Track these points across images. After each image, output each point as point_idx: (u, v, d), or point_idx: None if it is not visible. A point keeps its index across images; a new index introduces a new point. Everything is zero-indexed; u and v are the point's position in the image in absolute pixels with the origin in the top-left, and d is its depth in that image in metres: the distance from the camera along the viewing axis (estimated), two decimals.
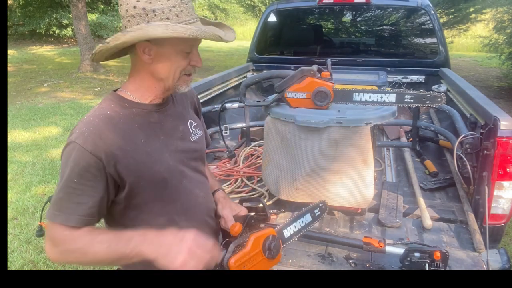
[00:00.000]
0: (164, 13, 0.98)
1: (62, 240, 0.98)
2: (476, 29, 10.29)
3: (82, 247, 0.97)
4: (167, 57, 1.03)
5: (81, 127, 1.00)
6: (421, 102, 1.73)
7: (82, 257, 0.99)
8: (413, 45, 3.83)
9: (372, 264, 1.58)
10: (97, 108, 1.06)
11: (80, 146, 0.97)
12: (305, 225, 1.31)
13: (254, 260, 1.04)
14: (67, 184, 0.98)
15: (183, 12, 1.00)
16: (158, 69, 1.05)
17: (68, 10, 13.30)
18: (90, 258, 0.98)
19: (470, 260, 1.57)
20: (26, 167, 4.36)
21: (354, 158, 1.71)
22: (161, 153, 1.09)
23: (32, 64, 11.62)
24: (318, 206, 1.42)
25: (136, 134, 1.05)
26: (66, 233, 0.97)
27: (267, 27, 3.94)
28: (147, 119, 1.08)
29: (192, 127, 1.22)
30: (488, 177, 1.69)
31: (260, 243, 1.06)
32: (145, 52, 1.02)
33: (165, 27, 0.94)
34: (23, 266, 2.71)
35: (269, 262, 1.08)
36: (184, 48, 1.03)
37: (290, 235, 1.22)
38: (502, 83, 8.49)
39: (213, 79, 3.09)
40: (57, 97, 7.86)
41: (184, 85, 1.10)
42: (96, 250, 0.96)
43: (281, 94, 1.81)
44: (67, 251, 0.99)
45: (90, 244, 0.96)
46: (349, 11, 4.07)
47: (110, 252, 0.95)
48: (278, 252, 1.10)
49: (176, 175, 1.12)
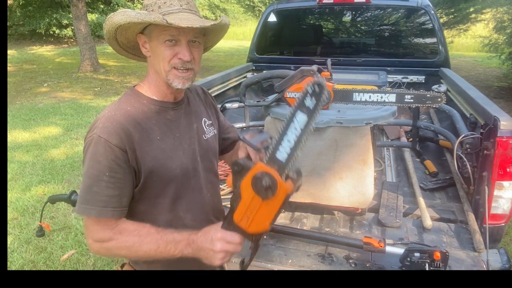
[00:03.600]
0: (150, 6, 1.05)
1: (108, 237, 1.01)
2: (476, 29, 10.28)
3: (132, 246, 1.01)
4: (155, 49, 1.06)
5: (104, 121, 1.02)
6: (421, 102, 1.73)
7: (129, 254, 1.04)
8: (413, 45, 3.83)
9: (372, 264, 1.58)
10: (117, 102, 1.09)
11: (106, 140, 0.99)
12: (303, 130, 0.87)
13: (254, 208, 0.90)
14: (99, 178, 1.00)
15: (166, 4, 1.04)
16: (153, 61, 1.09)
17: (68, 10, 13.30)
18: (138, 255, 1.03)
19: (470, 260, 1.57)
20: (26, 167, 4.36)
21: (354, 158, 1.71)
22: (175, 150, 1.11)
23: (32, 64, 11.62)
24: (307, 93, 0.86)
25: (153, 130, 1.08)
26: (107, 231, 1.01)
27: (267, 27, 3.94)
28: (163, 116, 1.11)
29: (206, 125, 1.24)
30: (488, 177, 1.69)
31: (249, 186, 0.88)
32: (144, 45, 1.08)
33: (122, 14, 1.00)
34: (23, 266, 2.71)
35: (271, 202, 0.88)
36: (164, 38, 1.04)
37: (288, 154, 0.88)
38: (502, 83, 8.49)
39: (213, 79, 3.08)
40: (57, 97, 7.86)
41: (176, 80, 1.07)
42: (145, 250, 1.00)
43: (281, 94, 1.81)
44: (114, 248, 1.02)
45: (139, 244, 1.01)
46: (349, 11, 4.06)
47: (158, 252, 1.00)
48: (275, 187, 0.86)
49: (187, 172, 1.13)
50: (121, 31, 1.05)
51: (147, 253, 1.00)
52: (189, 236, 1.00)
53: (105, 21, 1.05)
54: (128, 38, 1.10)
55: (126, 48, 1.15)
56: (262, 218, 0.90)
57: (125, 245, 1.01)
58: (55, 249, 2.88)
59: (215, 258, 0.97)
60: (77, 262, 2.74)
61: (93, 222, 1.02)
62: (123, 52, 1.16)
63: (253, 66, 3.93)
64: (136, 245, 1.00)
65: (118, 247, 1.02)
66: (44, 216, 3.28)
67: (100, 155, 0.99)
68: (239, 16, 21.78)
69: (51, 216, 3.34)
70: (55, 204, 3.28)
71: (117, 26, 1.02)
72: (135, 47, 1.13)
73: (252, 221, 0.92)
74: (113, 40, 1.09)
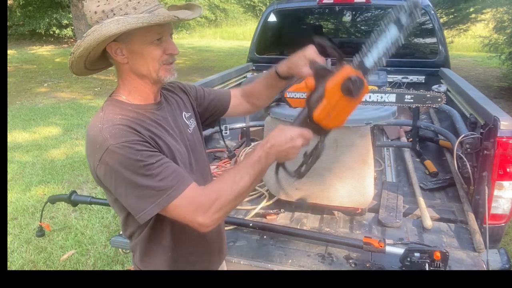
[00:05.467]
0: (122, 9, 0.97)
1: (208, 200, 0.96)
2: (476, 29, 10.28)
3: (231, 193, 0.97)
4: (139, 52, 1.01)
5: (110, 130, 0.95)
6: (421, 102, 1.73)
7: (237, 198, 0.99)
8: (413, 45, 3.83)
9: (372, 264, 1.58)
10: (106, 113, 1.02)
11: (126, 142, 0.93)
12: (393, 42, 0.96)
13: (338, 106, 0.96)
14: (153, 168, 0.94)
15: (141, 3, 0.99)
16: (137, 67, 1.03)
17: (68, 10, 13.30)
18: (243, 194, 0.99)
19: (470, 260, 1.57)
20: (26, 167, 4.36)
21: (354, 158, 1.71)
22: (176, 146, 1.10)
23: (32, 64, 11.62)
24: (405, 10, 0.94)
25: (153, 129, 1.04)
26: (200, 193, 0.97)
27: (267, 27, 3.94)
28: (153, 118, 1.09)
29: (186, 119, 1.22)
30: (488, 177, 1.69)
31: (338, 87, 0.95)
32: (117, 53, 1.01)
33: (116, 23, 0.93)
34: (23, 266, 2.72)
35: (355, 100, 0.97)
36: (152, 38, 1.00)
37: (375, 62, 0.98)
38: (502, 83, 8.49)
39: (213, 79, 3.08)
40: (57, 97, 7.87)
41: (168, 74, 1.06)
42: (243, 186, 0.97)
43: (281, 94, 1.81)
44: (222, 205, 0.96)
45: (235, 185, 0.97)
46: (349, 11, 4.07)
47: (252, 178, 0.98)
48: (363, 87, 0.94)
49: (186, 167, 1.13)
50: (102, 43, 0.98)
51: (245, 188, 0.97)
52: (263, 147, 0.98)
53: (84, 38, 0.95)
54: (98, 51, 1.02)
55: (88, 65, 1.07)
56: (342, 114, 0.99)
57: (227, 198, 0.96)
58: (55, 249, 2.88)
59: (295, 154, 0.98)
60: (77, 262, 2.74)
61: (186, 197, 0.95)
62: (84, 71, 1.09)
63: (253, 66, 3.93)
64: (234, 189, 0.96)
65: (224, 200, 0.96)
66: (44, 216, 3.28)
67: (132, 156, 0.92)
68: (239, 16, 21.76)
69: (51, 216, 3.34)
70: (55, 204, 3.28)
71: (106, 37, 0.94)
72: (94, 61, 1.07)
73: (334, 118, 0.98)
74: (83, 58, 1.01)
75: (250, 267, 1.64)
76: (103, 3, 0.97)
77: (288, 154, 0.98)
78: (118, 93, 1.09)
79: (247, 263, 1.65)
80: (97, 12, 0.98)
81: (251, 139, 2.83)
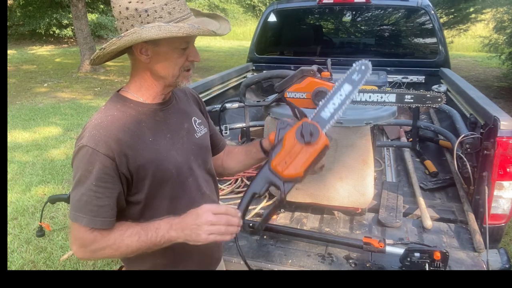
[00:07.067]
0: (156, 12, 0.98)
1: (91, 240, 1.00)
2: (476, 29, 10.28)
3: (114, 243, 1.00)
4: (164, 56, 1.03)
5: (90, 130, 1.00)
6: (421, 102, 1.73)
7: (114, 252, 1.02)
8: (413, 45, 3.83)
9: (372, 264, 1.58)
10: (103, 109, 1.06)
11: (93, 149, 0.97)
12: (346, 96, 1.11)
13: (294, 153, 0.99)
14: (89, 187, 0.98)
15: (176, 9, 1.00)
16: (156, 68, 1.05)
17: (68, 10, 13.29)
18: (122, 251, 1.01)
19: (470, 260, 1.57)
20: (26, 167, 4.36)
21: (354, 158, 1.71)
22: (169, 151, 1.10)
23: (32, 64, 11.62)
24: (355, 70, 1.14)
25: (144, 133, 1.06)
26: (95, 233, 1.00)
27: (267, 27, 3.94)
28: (152, 118, 1.09)
29: (196, 124, 1.22)
30: (488, 177, 1.69)
31: (293, 135, 1.00)
32: (142, 52, 1.03)
33: (158, 29, 0.94)
34: (23, 266, 2.72)
35: (311, 148, 0.99)
36: (180, 45, 1.03)
37: (331, 113, 1.08)
38: (502, 83, 8.49)
39: (213, 79, 3.08)
40: (57, 97, 7.86)
41: (185, 80, 1.10)
42: (127, 244, 0.99)
43: (281, 94, 1.81)
44: (98, 249, 1.01)
45: (120, 239, 0.99)
46: (349, 11, 4.07)
47: (141, 243, 0.99)
48: (318, 135, 0.99)
49: (183, 172, 1.13)
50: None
51: (130, 247, 0.99)
52: (172, 219, 0.98)
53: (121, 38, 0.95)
54: None
55: (111, 56, 1.09)
56: (299, 162, 0.99)
57: (107, 244, 0.99)
58: (55, 249, 2.88)
59: (199, 232, 0.94)
60: (77, 262, 2.74)
61: (82, 229, 1.00)
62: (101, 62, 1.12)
63: (253, 66, 3.93)
64: (117, 240, 0.99)
65: (101, 247, 1.00)
66: (44, 216, 3.28)
67: (87, 164, 0.98)
68: (239, 16, 21.76)
69: (51, 216, 3.34)
70: (55, 204, 3.28)
71: (144, 40, 0.96)
72: (114, 55, 1.09)
73: (289, 165, 0.99)
74: (111, 53, 1.04)
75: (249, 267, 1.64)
76: (136, 1, 0.98)
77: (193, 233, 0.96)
78: (127, 88, 1.11)
79: None
80: (129, 8, 0.98)
81: (251, 139, 2.83)
